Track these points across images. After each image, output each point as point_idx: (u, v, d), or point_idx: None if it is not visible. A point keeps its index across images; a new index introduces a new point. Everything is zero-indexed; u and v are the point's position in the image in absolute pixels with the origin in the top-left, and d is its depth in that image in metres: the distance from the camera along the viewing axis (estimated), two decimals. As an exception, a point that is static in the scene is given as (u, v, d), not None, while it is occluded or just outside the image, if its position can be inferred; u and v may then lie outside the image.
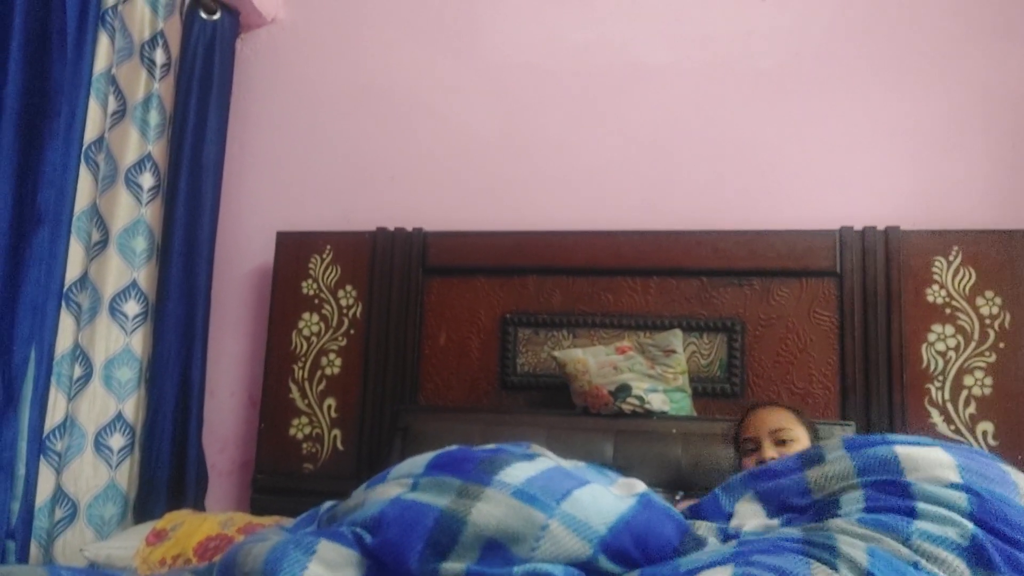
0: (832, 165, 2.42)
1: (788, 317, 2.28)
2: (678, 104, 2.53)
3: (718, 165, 2.47)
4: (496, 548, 1.06)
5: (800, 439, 1.72)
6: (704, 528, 1.19)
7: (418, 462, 1.27)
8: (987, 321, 2.15)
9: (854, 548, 1.00)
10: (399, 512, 1.12)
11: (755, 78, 2.50)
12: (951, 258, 2.20)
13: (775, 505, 1.25)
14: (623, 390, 2.16)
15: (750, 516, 1.24)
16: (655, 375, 2.19)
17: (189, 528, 1.89)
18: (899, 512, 1.08)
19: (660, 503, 1.18)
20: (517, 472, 1.16)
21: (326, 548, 1.08)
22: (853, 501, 1.15)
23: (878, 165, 2.39)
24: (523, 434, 2.14)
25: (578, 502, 1.10)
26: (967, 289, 2.18)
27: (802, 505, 1.21)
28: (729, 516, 1.27)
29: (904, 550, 1.01)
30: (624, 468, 2.04)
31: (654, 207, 2.47)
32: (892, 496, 1.12)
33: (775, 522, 1.20)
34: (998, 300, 2.17)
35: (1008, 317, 2.16)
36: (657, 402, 2.16)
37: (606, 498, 1.13)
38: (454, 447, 1.32)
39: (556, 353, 2.30)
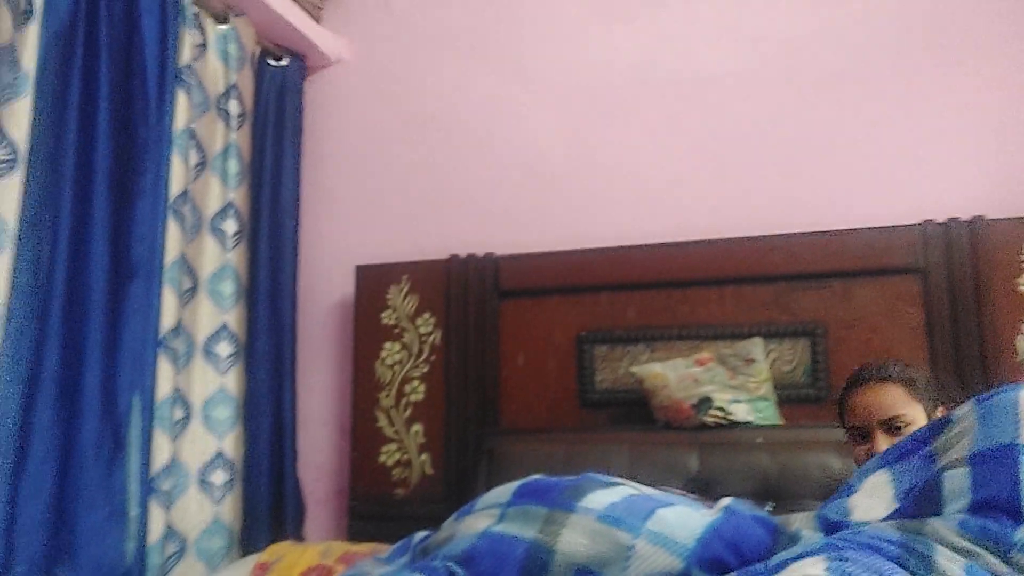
0: (909, 158, 2.34)
1: (871, 317, 2.22)
2: (744, 110, 2.50)
3: (789, 168, 2.43)
4: (587, 574, 1.07)
5: (916, 420, 1.55)
6: (799, 521, 1.14)
7: (504, 492, 1.29)
8: (1088, 309, 2.05)
9: (952, 563, 0.96)
10: (489, 545, 1.15)
11: (822, 77, 2.45)
12: (1040, 248, 2.10)
13: (905, 481, 1.16)
14: (705, 402, 2.14)
15: (874, 494, 1.17)
16: (737, 385, 2.16)
17: (290, 560, 1.97)
18: (1005, 510, 1.01)
19: (745, 509, 1.17)
20: (600, 498, 1.17)
21: None
22: (958, 487, 1.05)
23: (957, 154, 2.30)
24: (605, 451, 2.16)
25: (663, 520, 1.10)
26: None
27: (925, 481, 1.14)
28: (850, 492, 1.20)
29: (1003, 568, 0.96)
30: (709, 480, 2.03)
31: (725, 215, 2.44)
32: (999, 477, 1.01)
33: (881, 509, 1.13)
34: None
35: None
36: (741, 412, 2.13)
37: (692, 515, 1.13)
38: (538, 476, 1.34)
39: (634, 368, 2.29)
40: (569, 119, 2.66)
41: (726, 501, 1.22)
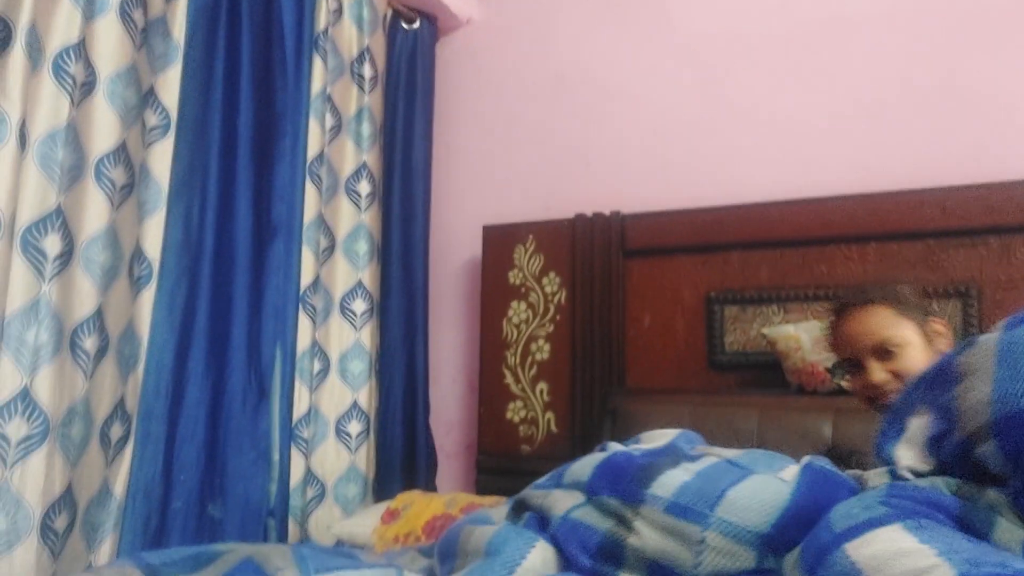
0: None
1: (1035, 277, 2.02)
2: (888, 55, 2.32)
3: (939, 117, 2.24)
4: (660, 568, 1.04)
5: (910, 340, 1.45)
6: (876, 476, 1.04)
7: (586, 467, 1.27)
8: None
9: (1013, 536, 0.82)
10: (570, 530, 1.16)
11: (974, 17, 2.23)
12: None
13: (944, 418, 0.99)
14: (840, 366, 2.03)
15: (917, 438, 1.03)
16: (877, 349, 2.04)
17: (418, 508, 2.05)
18: None
19: (822, 469, 1.08)
20: (671, 481, 1.12)
21: (543, 546, 1.15)
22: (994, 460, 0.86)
23: None
24: (733, 415, 2.10)
25: (734, 504, 1.03)
26: None
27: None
28: (900, 433, 1.07)
29: None
30: (845, 449, 1.93)
31: (867, 168, 2.28)
32: None
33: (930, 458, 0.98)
34: None
35: None
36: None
37: (767, 489, 1.05)
38: (616, 451, 1.30)
39: (765, 330, 2.21)
40: (699, 71, 2.56)
41: (805, 460, 1.14)
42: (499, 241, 2.66)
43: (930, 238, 2.14)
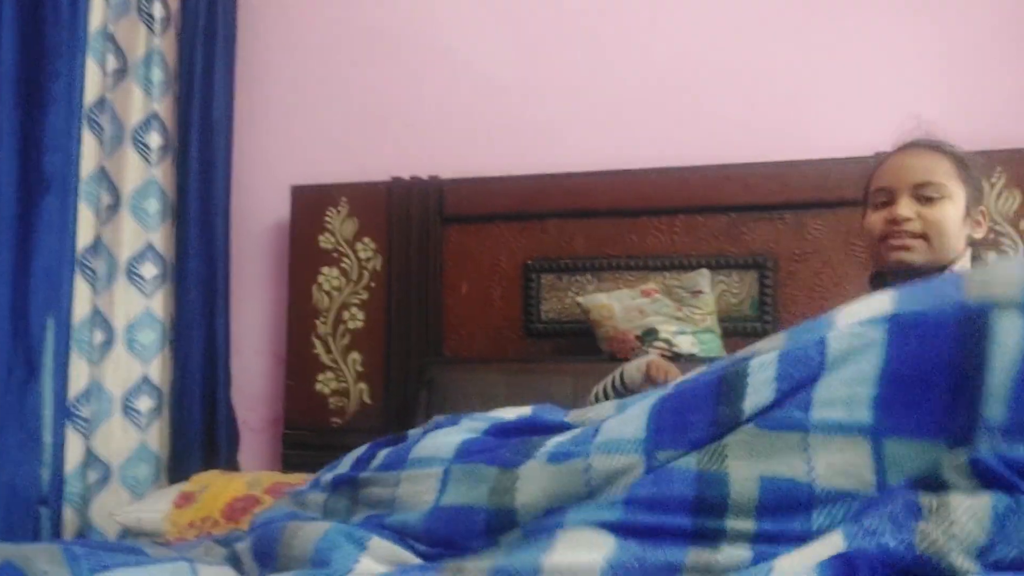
0: (865, 89, 2.27)
1: (824, 251, 2.17)
2: (700, 33, 2.38)
3: (745, 95, 2.34)
4: (555, 512, 1.00)
5: (955, 201, 1.35)
6: (761, 357, 1.00)
7: (445, 445, 1.18)
8: (1037, 245, 2.03)
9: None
10: (446, 521, 1.06)
11: (780, 3, 2.35)
12: (994, 179, 2.07)
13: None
14: (650, 334, 2.08)
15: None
16: (683, 317, 2.11)
17: (216, 489, 1.89)
18: None
19: (697, 378, 1.07)
20: (550, 442, 1.10)
21: (377, 544, 1.05)
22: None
23: (914, 85, 2.23)
24: (549, 382, 2.10)
25: (608, 430, 1.03)
26: (1011, 212, 2.06)
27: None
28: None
29: None
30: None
31: (679, 142, 2.35)
32: None
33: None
34: (1050, 223, 2.04)
35: (1060, 241, 2.04)
36: (685, 344, 2.09)
37: (635, 412, 1.05)
38: (482, 436, 1.23)
39: (580, 299, 2.23)
40: (522, 37, 2.52)
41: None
42: (309, 203, 2.50)
43: (732, 212, 2.24)
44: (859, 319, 0.95)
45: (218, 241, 2.49)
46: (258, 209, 2.63)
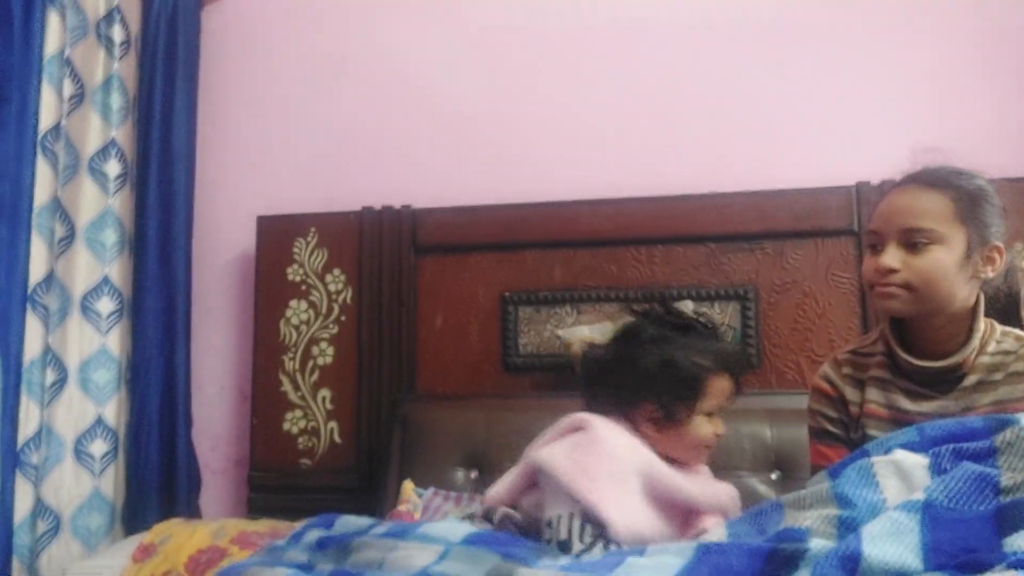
0: (845, 119, 2.26)
1: (804, 281, 2.14)
2: (677, 62, 2.36)
3: (723, 124, 2.32)
4: None
5: (946, 246, 1.23)
6: (811, 520, 0.93)
7: (456, 531, 1.09)
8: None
9: None
10: None
11: (758, 31, 2.34)
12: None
13: (947, 464, 0.98)
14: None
15: (895, 473, 0.99)
16: (666, 350, 2.06)
17: (178, 540, 1.77)
18: None
19: (718, 544, 0.95)
20: (561, 558, 1.01)
21: None
22: None
23: (895, 115, 2.23)
24: (529, 419, 2.02)
25: (634, 564, 0.92)
26: (996, 242, 2.05)
27: (981, 475, 0.93)
28: (860, 465, 1.01)
29: None
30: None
31: (657, 171, 2.31)
32: None
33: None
34: (1027, 251, 2.04)
35: (1039, 270, 2.04)
36: (670, 379, 2.03)
37: (664, 557, 0.94)
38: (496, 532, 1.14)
39: (560, 332, 2.17)
40: (495, 65, 2.47)
41: (710, 536, 1.04)
42: (276, 234, 2.41)
43: (712, 242, 2.20)
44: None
45: (178, 274, 2.38)
46: (222, 240, 2.53)
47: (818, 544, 0.87)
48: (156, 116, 2.35)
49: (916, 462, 1.01)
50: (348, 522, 1.21)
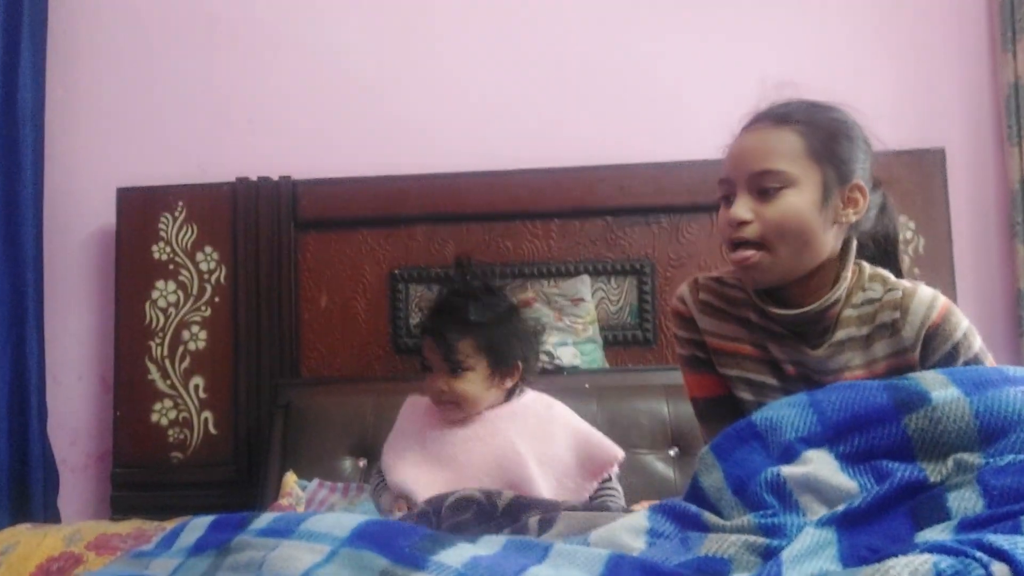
0: (742, 88, 2.23)
1: (699, 255, 2.12)
2: (575, 30, 2.28)
3: (621, 95, 2.26)
4: None
5: (798, 188, 1.13)
6: (728, 545, 0.87)
7: (340, 524, 0.96)
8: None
9: None
10: None
11: (652, 4, 2.28)
12: (864, 184, 2.09)
13: (860, 463, 0.92)
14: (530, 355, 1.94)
15: (812, 489, 0.92)
16: (563, 327, 2.00)
17: (25, 549, 1.57)
18: None
19: (631, 560, 0.87)
20: (461, 553, 0.90)
21: None
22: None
23: (794, 83, 2.23)
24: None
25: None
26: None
27: (908, 481, 0.88)
28: (775, 486, 0.93)
29: None
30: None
31: (553, 143, 2.23)
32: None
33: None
34: (911, 224, 2.08)
35: (922, 242, 2.08)
36: (567, 356, 1.97)
37: (570, 571, 0.85)
38: (390, 520, 1.00)
39: (453, 310, 2.06)
40: (381, 28, 2.32)
41: (626, 536, 0.96)
42: (139, 207, 2.19)
43: (608, 215, 2.15)
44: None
45: (26, 251, 2.13)
46: (77, 214, 2.29)
47: None
48: (-5, 76, 2.09)
49: (828, 469, 0.95)
50: (228, 517, 1.08)
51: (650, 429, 1.88)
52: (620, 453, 1.49)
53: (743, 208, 1.14)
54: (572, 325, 2.00)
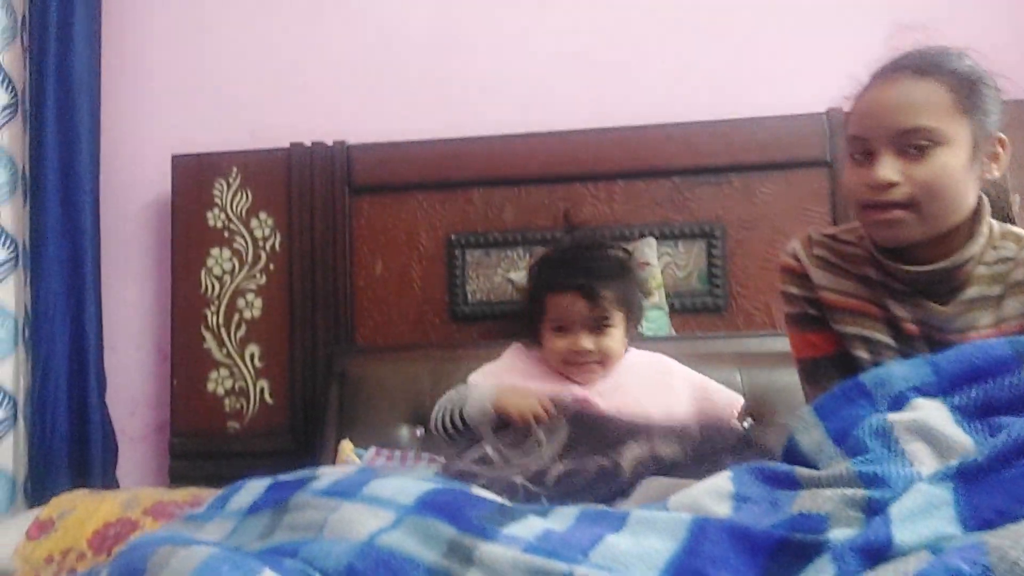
0: (816, 39, 2.10)
1: (774, 216, 2.00)
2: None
3: (685, 50, 2.14)
4: None
5: (952, 144, 1.04)
6: (826, 504, 0.76)
7: (408, 490, 0.90)
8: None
9: None
10: (376, 566, 0.77)
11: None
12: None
13: (977, 418, 0.82)
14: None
15: (922, 436, 0.82)
16: (628, 292, 1.90)
17: (82, 514, 1.55)
18: None
19: (717, 523, 0.78)
20: (531, 525, 0.82)
21: None
22: None
23: (866, 37, 2.07)
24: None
25: (613, 548, 0.76)
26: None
27: None
28: (881, 431, 0.83)
29: None
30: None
31: (615, 102, 2.13)
32: None
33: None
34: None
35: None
36: (632, 323, 1.87)
37: (649, 538, 0.78)
38: (457, 487, 0.94)
39: (512, 276, 1.99)
40: (436, -14, 2.24)
41: (710, 502, 0.86)
42: (194, 174, 2.16)
43: (676, 176, 2.04)
44: None
45: (84, 219, 2.12)
46: (133, 182, 2.27)
47: (839, 535, 0.71)
48: (51, 39, 2.07)
49: (941, 418, 0.85)
50: (286, 479, 1.02)
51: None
52: (740, 399, 1.47)
53: (890, 169, 1.06)
54: (638, 290, 1.90)
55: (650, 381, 1.44)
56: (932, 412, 0.86)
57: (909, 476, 0.79)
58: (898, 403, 0.89)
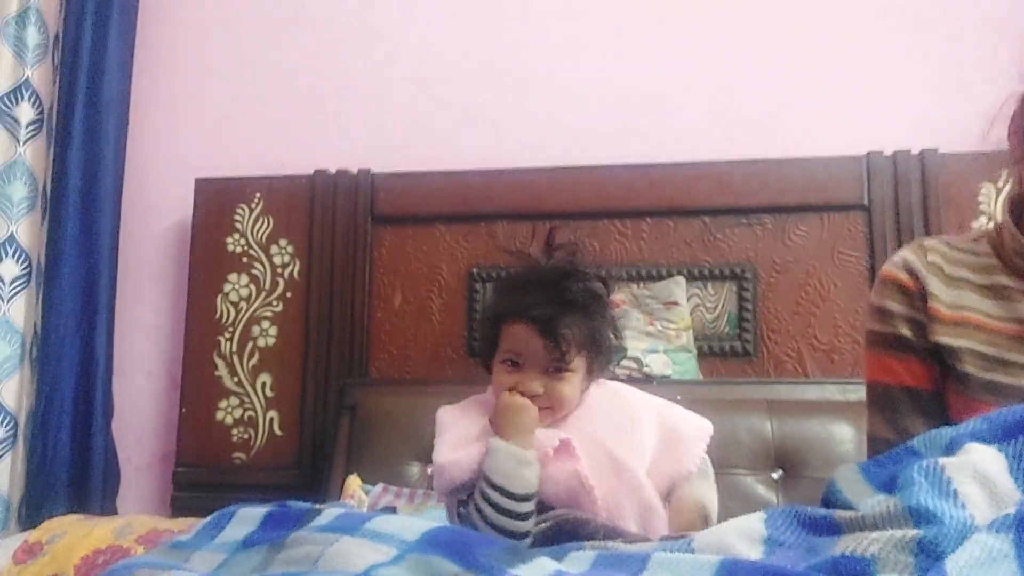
0: (854, 86, 2.05)
1: (807, 260, 1.92)
2: (673, 22, 2.14)
3: (721, 90, 2.09)
4: None
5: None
6: (873, 545, 0.69)
7: (412, 526, 0.83)
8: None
9: None
10: None
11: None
12: (1000, 184, 1.86)
13: None
14: (617, 352, 1.77)
15: (975, 478, 0.75)
16: (654, 332, 1.82)
17: (72, 539, 1.48)
18: None
19: (748, 565, 0.72)
20: (542, 567, 0.74)
21: None
22: None
23: (907, 84, 2.02)
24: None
25: None
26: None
27: None
28: (930, 471, 0.75)
29: None
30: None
31: (647, 140, 2.08)
32: None
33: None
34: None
35: None
36: (658, 365, 1.79)
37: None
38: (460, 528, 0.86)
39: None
40: (467, 19, 2.23)
41: (740, 544, 0.79)
42: (216, 199, 2.14)
43: (706, 215, 1.98)
44: None
45: (102, 240, 2.09)
46: (155, 205, 2.25)
47: None
48: (83, 60, 2.08)
49: (997, 465, 0.76)
50: (285, 513, 0.94)
51: (751, 448, 1.68)
52: (709, 427, 1.21)
53: None
54: (664, 331, 1.82)
55: (614, 420, 1.18)
56: (988, 457, 0.77)
57: (962, 519, 0.70)
58: (951, 449, 0.80)
